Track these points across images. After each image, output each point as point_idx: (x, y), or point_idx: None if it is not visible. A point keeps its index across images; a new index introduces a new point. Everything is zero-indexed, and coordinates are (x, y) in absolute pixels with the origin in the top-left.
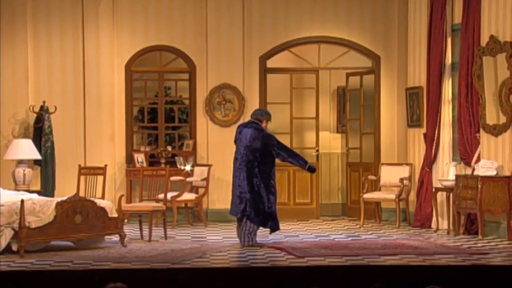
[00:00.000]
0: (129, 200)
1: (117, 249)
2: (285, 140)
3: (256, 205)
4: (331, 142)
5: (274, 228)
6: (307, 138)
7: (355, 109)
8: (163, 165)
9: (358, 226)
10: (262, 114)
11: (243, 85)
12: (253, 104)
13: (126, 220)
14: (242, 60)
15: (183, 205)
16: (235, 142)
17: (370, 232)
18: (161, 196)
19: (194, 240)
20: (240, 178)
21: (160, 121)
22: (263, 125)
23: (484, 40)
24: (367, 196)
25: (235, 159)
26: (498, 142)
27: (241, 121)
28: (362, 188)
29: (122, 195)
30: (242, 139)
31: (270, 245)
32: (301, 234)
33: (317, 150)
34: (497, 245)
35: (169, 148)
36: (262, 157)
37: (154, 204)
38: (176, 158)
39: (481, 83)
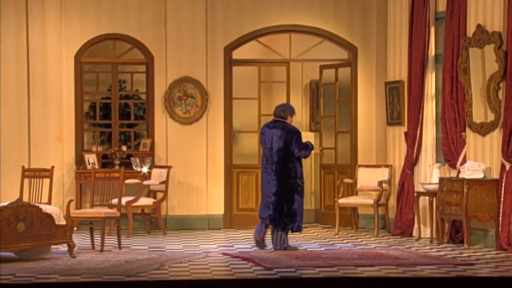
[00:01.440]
0: (79, 206)
1: (65, 260)
2: (252, 140)
3: (280, 208)
4: None
5: (295, 229)
6: None
7: (330, 105)
8: (117, 167)
9: (332, 234)
10: (284, 110)
11: (206, 79)
12: (217, 99)
13: (75, 228)
14: (205, 51)
15: (139, 211)
16: (261, 144)
17: (345, 241)
18: (115, 201)
19: (152, 250)
20: (264, 182)
21: (114, 118)
22: (288, 120)
23: (471, 30)
24: (342, 201)
25: (261, 161)
26: (486, 142)
27: (204, 118)
28: (337, 192)
29: (71, 200)
30: (266, 141)
31: (235, 255)
32: (270, 243)
33: None
34: (484, 255)
35: (124, 148)
36: (286, 156)
37: (107, 210)
38: (132, 159)
39: (467, 77)
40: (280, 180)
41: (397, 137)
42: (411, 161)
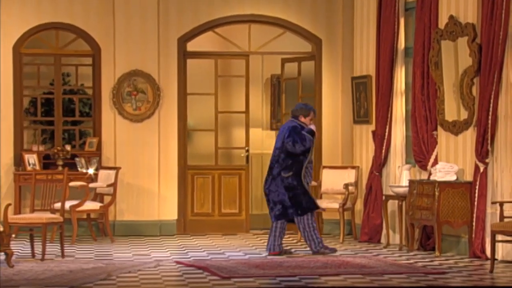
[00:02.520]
0: (17, 211)
1: (2, 270)
2: (208, 139)
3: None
4: (263, 141)
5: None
6: (235, 136)
7: (292, 101)
8: (60, 168)
9: (295, 241)
10: (297, 109)
11: (158, 72)
12: (170, 95)
13: (13, 235)
14: (157, 42)
15: (84, 216)
16: None
17: (309, 248)
18: (58, 205)
19: (98, 258)
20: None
21: (57, 115)
22: (302, 121)
23: (443, 21)
24: None
25: None
26: (459, 141)
27: (155, 115)
28: None
29: (8, 204)
30: (276, 140)
31: (189, 264)
32: (227, 251)
33: (247, 151)
34: (457, 263)
35: (68, 147)
36: (285, 156)
37: (48, 215)
38: (77, 159)
39: (439, 72)
40: (276, 181)
41: (364, 136)
42: (379, 162)
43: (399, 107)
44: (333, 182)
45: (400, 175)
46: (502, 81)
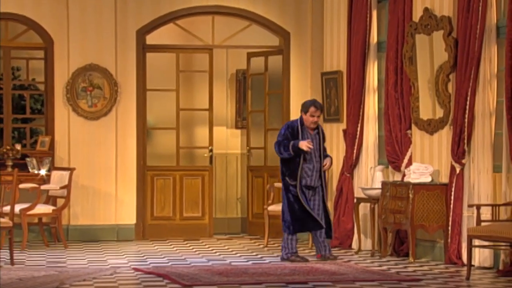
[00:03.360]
0: None
1: None
2: (169, 137)
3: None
4: (228, 140)
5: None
6: (197, 135)
7: (259, 98)
8: (9, 169)
9: (261, 246)
10: (301, 106)
11: (115, 67)
12: (128, 91)
13: None
14: (115, 35)
15: (36, 220)
16: None
17: (276, 254)
18: (7, 209)
19: (50, 266)
20: None
21: (6, 112)
22: (304, 118)
23: (417, 14)
24: (273, 208)
25: None
26: (434, 141)
27: (113, 112)
28: (266, 198)
29: None
30: None
31: (148, 271)
32: (189, 257)
33: (211, 151)
34: (432, 270)
35: (18, 146)
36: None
37: None
38: (28, 159)
39: (413, 68)
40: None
41: (334, 135)
42: (351, 163)
43: (371, 104)
44: None
45: (372, 177)
46: (479, 77)
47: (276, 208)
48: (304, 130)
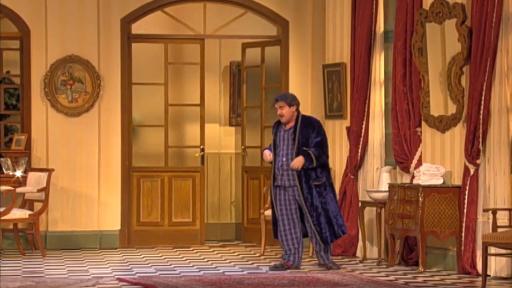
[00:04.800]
0: None
1: None
2: (157, 136)
3: None
4: (221, 139)
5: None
6: (188, 133)
7: (255, 93)
8: None
9: (257, 254)
10: None
11: (98, 58)
12: (112, 85)
13: None
14: (97, 24)
15: (11, 226)
16: None
17: (273, 263)
18: None
19: (27, 275)
20: None
21: None
22: None
23: (428, 1)
24: (269, 213)
25: None
26: (446, 139)
27: (95, 108)
28: (263, 202)
29: None
30: None
31: (134, 281)
32: (178, 266)
33: (202, 150)
34: (444, 280)
35: None
36: None
37: None
38: (2, 159)
39: (423, 60)
40: None
41: (337, 133)
42: (355, 164)
43: (377, 100)
44: None
45: (378, 179)
46: (495, 70)
47: None
48: (280, 127)
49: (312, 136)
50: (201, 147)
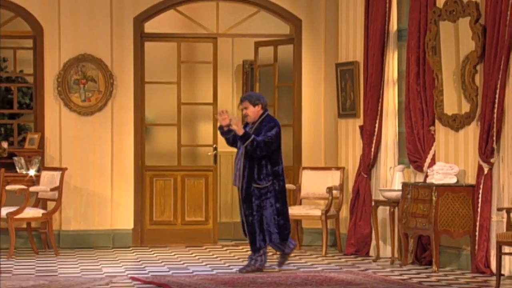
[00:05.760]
0: None
1: None
2: (170, 134)
3: None
4: None
5: None
6: (201, 131)
7: (268, 91)
8: None
9: (270, 253)
10: None
11: (111, 57)
12: (125, 84)
13: None
14: (110, 22)
15: (24, 225)
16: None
17: (286, 262)
18: None
19: (40, 274)
20: None
21: None
22: None
23: None
24: None
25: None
26: (459, 138)
27: (108, 107)
28: None
29: None
30: None
31: (147, 280)
32: (191, 265)
33: (215, 149)
34: (457, 279)
35: (5, 144)
36: None
37: None
38: (15, 159)
39: (437, 58)
40: None
41: (350, 132)
42: (368, 162)
43: (390, 98)
44: (314, 186)
45: (392, 177)
46: (509, 68)
47: None
48: (246, 127)
49: (263, 131)
50: (214, 146)
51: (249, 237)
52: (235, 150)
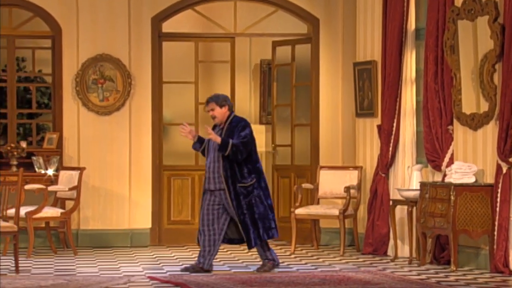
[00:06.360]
0: None
1: None
2: None
3: None
4: None
5: None
6: None
7: (285, 91)
8: (14, 169)
9: (288, 252)
10: None
11: (129, 57)
12: (143, 83)
13: None
14: (128, 22)
15: (43, 224)
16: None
17: (304, 261)
18: (11, 212)
19: (59, 274)
20: None
21: (10, 106)
22: None
23: None
24: (300, 211)
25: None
26: (478, 137)
27: (126, 107)
28: (293, 200)
29: None
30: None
31: (165, 280)
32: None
33: None
34: (476, 279)
35: (24, 144)
36: None
37: (0, 223)
38: (34, 158)
39: (455, 57)
40: None
41: (368, 132)
42: (386, 162)
43: (408, 97)
44: (332, 185)
45: (409, 177)
46: None
47: (304, 211)
48: (215, 129)
49: (236, 133)
50: None
51: (244, 235)
52: None
